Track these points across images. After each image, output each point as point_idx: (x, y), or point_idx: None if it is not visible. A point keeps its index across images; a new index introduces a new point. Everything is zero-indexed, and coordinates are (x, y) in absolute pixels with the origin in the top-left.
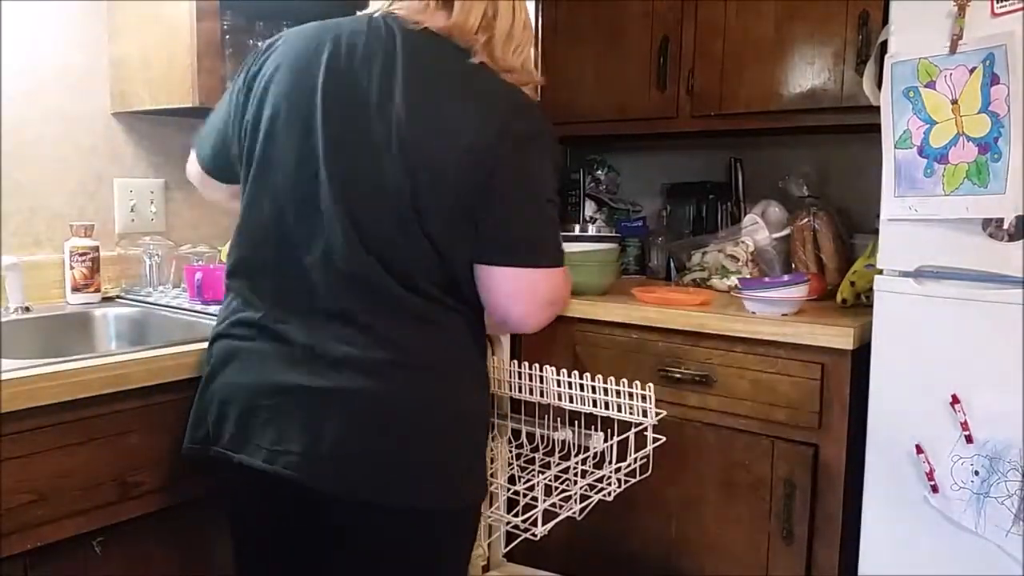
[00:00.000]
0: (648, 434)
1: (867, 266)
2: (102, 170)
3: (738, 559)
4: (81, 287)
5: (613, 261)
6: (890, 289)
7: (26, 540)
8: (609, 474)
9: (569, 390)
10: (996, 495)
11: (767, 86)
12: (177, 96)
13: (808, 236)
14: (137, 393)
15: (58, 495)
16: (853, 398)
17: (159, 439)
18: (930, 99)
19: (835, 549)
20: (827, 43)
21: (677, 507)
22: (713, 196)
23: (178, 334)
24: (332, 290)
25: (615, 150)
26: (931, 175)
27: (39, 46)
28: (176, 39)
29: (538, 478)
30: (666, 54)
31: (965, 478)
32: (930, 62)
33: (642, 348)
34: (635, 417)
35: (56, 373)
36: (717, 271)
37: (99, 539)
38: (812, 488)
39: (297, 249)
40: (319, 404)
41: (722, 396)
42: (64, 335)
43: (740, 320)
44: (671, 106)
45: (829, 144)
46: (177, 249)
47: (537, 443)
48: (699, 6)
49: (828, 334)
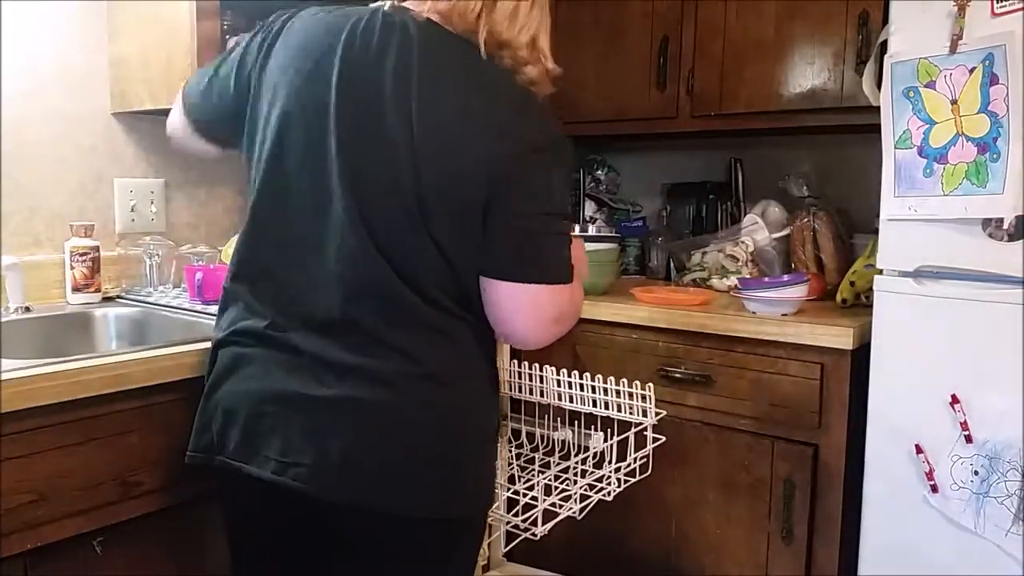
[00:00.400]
0: (648, 434)
1: (867, 266)
2: (102, 170)
3: (738, 559)
4: (81, 287)
5: (613, 261)
6: (890, 289)
7: (26, 540)
8: (609, 474)
9: (569, 390)
10: (996, 495)
11: (767, 86)
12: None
13: (808, 236)
14: (137, 393)
15: (58, 495)
16: (853, 398)
17: (159, 439)
18: (930, 99)
19: (835, 549)
20: (827, 43)
21: (677, 507)
22: (713, 196)
23: (178, 334)
24: (340, 296)
25: (615, 150)
26: (931, 175)
27: (39, 46)
28: (176, 39)
29: (538, 478)
30: (666, 54)
31: (965, 478)
32: (930, 62)
33: (642, 348)
34: (635, 417)
35: (56, 373)
36: (717, 271)
37: (99, 539)
38: (812, 488)
39: (305, 252)
40: (327, 414)
41: (722, 396)
42: (64, 335)
43: (740, 320)
44: (671, 106)
45: (829, 144)
46: (177, 249)
47: (537, 443)
48: (699, 6)
49: (828, 334)
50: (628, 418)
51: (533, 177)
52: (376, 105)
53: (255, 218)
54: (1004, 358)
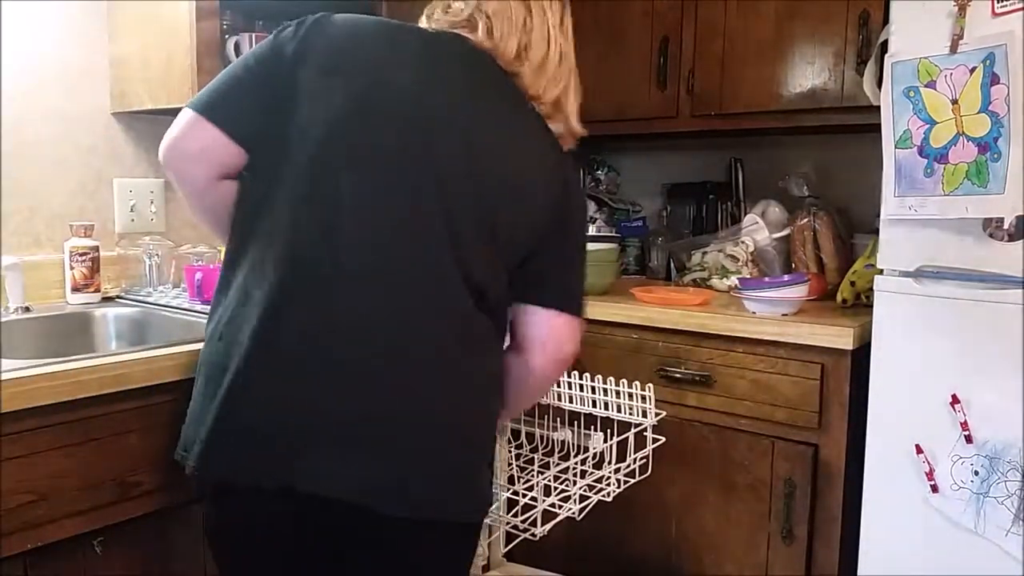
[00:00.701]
0: (648, 434)
1: (867, 266)
2: (102, 170)
3: (738, 559)
4: (81, 287)
5: (613, 261)
6: (890, 289)
7: (26, 540)
8: (608, 474)
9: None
10: (996, 495)
11: (767, 86)
12: (177, 96)
13: (808, 236)
14: (137, 393)
15: (58, 495)
16: (853, 398)
17: (159, 439)
18: (930, 99)
19: (835, 549)
20: (827, 43)
21: (677, 507)
22: (713, 196)
23: (178, 334)
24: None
25: (615, 150)
26: (931, 175)
27: (39, 46)
28: (176, 39)
29: (537, 478)
30: (666, 54)
31: (965, 478)
32: (930, 62)
33: (642, 348)
34: (635, 417)
35: (56, 373)
36: (717, 271)
37: (99, 539)
38: (812, 488)
39: (352, 258)
40: (368, 425)
41: (722, 396)
42: (64, 335)
43: (740, 320)
44: (671, 106)
45: (829, 144)
46: (177, 249)
47: (536, 443)
48: (699, 6)
49: (828, 334)
50: (628, 419)
51: (576, 211)
52: (441, 123)
53: (294, 232)
54: (1004, 358)
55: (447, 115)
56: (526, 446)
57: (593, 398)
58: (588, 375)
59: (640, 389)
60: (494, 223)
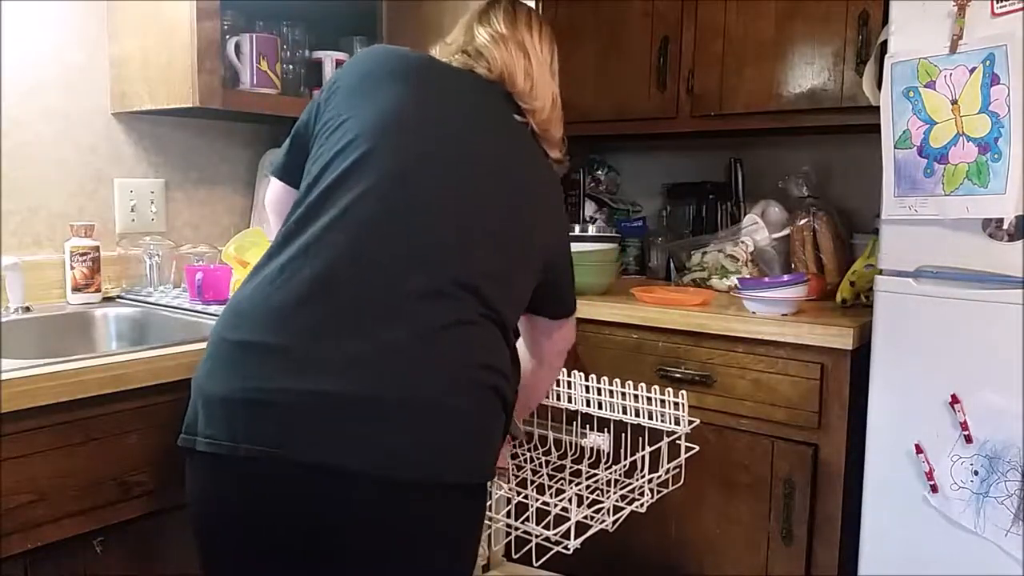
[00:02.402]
0: (681, 443)
1: (867, 266)
2: (102, 170)
3: (738, 559)
4: (81, 287)
5: (613, 261)
6: (890, 289)
7: (26, 540)
8: (641, 484)
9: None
10: (996, 495)
11: (767, 86)
12: (177, 96)
13: (808, 236)
14: (137, 393)
15: (58, 495)
16: (853, 398)
17: (159, 439)
18: (930, 99)
19: (835, 549)
20: (827, 43)
21: (677, 507)
22: (713, 196)
23: (178, 334)
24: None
25: (615, 150)
26: (931, 175)
27: (39, 46)
28: (176, 39)
29: (570, 488)
30: (666, 54)
31: (964, 478)
32: (930, 62)
33: (642, 348)
34: (667, 425)
35: (56, 373)
36: (717, 271)
37: (99, 539)
38: (812, 488)
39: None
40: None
41: (722, 396)
42: (64, 335)
43: (740, 320)
44: (671, 106)
45: (829, 144)
46: (177, 249)
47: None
48: (699, 6)
49: (828, 334)
50: (660, 426)
51: (567, 228)
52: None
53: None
54: (1004, 358)
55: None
56: (554, 452)
57: (623, 404)
58: (618, 381)
59: (673, 396)
60: (517, 237)
